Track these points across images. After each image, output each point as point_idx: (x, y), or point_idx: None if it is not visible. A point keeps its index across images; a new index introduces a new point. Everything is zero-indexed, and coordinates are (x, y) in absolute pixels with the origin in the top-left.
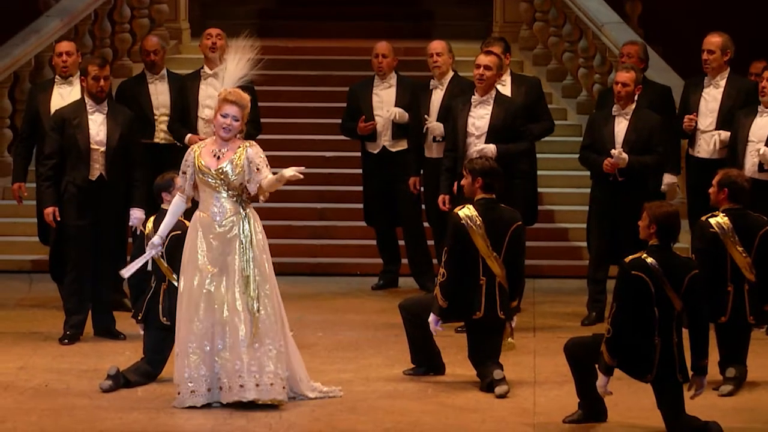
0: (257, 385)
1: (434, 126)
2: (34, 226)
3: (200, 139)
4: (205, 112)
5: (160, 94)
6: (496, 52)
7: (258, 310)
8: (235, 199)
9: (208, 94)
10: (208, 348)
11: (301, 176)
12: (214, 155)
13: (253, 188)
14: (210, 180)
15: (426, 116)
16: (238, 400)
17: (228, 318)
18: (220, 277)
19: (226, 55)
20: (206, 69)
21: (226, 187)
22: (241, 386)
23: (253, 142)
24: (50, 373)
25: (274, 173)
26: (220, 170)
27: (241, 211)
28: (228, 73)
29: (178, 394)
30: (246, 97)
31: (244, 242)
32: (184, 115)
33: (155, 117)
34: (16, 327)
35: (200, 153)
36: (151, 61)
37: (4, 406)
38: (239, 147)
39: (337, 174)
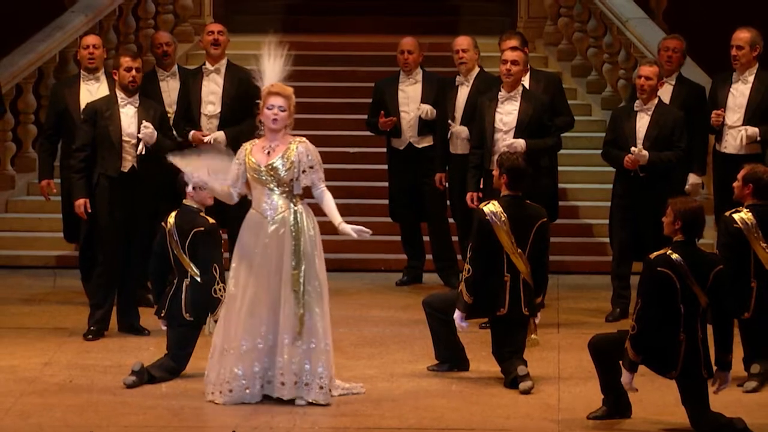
0: (295, 383)
1: (459, 130)
2: (59, 222)
3: (203, 136)
4: (207, 108)
5: (172, 91)
6: (517, 46)
7: (302, 307)
8: (285, 195)
9: (210, 90)
10: (260, 345)
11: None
12: (265, 151)
13: (301, 187)
14: (261, 177)
15: (450, 122)
16: (276, 397)
17: (277, 315)
18: (270, 274)
19: (261, 56)
20: (208, 65)
21: (276, 183)
22: (282, 384)
23: (304, 139)
24: (75, 368)
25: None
26: (270, 166)
27: (292, 206)
28: (266, 75)
29: (230, 391)
30: (288, 87)
31: (294, 238)
32: (188, 112)
33: (168, 114)
34: (40, 323)
35: (251, 150)
36: (164, 52)
37: (29, 402)
38: (290, 142)
39: (361, 170)
